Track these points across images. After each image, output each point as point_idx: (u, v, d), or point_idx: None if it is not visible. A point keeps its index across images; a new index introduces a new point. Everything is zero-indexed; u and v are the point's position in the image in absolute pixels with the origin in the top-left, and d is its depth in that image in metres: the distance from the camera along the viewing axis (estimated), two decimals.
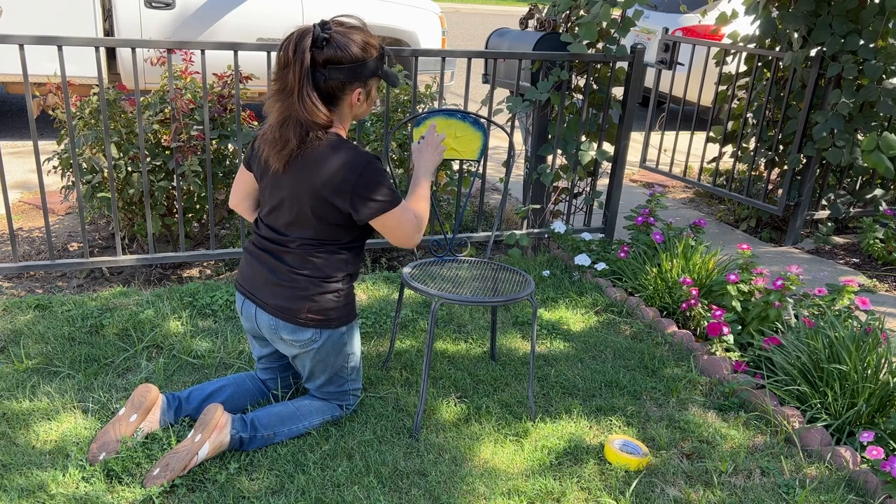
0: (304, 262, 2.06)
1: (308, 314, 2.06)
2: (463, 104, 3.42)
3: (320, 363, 2.16)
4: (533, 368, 2.38)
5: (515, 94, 3.63)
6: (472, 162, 3.28)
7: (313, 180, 1.97)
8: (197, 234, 3.60)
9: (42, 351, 2.57)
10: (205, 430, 2.01)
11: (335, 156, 1.97)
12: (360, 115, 2.11)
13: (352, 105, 2.04)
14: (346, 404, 2.29)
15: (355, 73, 1.97)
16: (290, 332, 2.08)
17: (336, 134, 2.02)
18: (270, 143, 1.98)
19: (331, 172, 1.96)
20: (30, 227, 3.84)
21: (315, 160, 1.97)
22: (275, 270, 2.07)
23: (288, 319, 2.06)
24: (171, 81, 3.00)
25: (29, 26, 5.00)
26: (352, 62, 1.95)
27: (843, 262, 4.11)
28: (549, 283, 3.47)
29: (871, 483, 2.13)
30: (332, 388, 2.24)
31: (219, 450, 2.05)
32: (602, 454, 2.23)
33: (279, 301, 2.06)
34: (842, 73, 3.88)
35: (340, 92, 1.99)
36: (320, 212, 2.00)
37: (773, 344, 2.70)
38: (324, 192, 1.97)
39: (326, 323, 2.09)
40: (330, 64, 1.93)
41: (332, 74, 1.94)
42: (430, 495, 2.01)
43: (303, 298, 2.05)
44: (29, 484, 1.93)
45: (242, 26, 5.43)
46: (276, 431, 2.15)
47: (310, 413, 2.22)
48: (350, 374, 2.25)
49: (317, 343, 2.11)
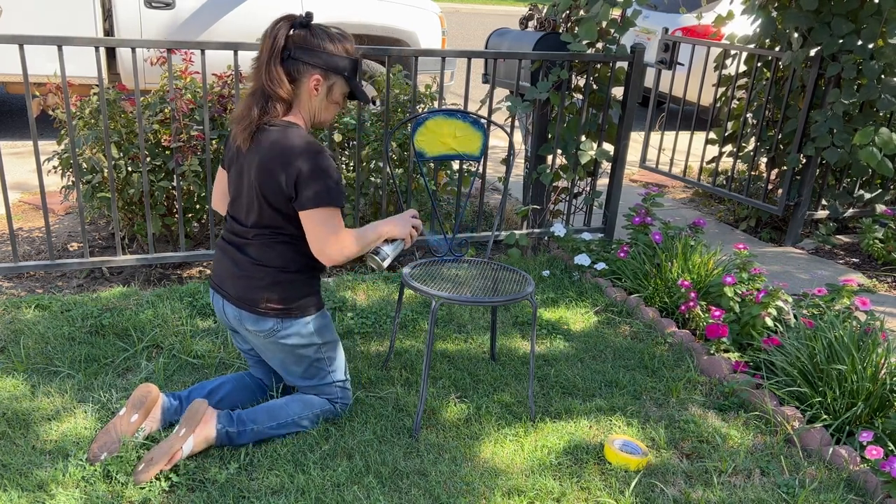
0: (262, 253, 2.09)
1: (268, 304, 2.09)
2: (463, 104, 3.42)
3: (289, 355, 2.16)
4: (533, 368, 2.38)
5: (515, 94, 3.63)
6: (472, 161, 3.29)
7: (264, 154, 2.00)
8: (197, 234, 3.60)
9: (42, 351, 2.57)
10: (189, 424, 2.03)
11: (290, 136, 2.00)
12: (321, 115, 2.12)
13: (310, 93, 2.06)
14: (336, 398, 2.27)
15: (318, 57, 2.02)
16: (252, 323, 2.11)
17: (295, 123, 2.06)
18: (237, 120, 2.06)
19: (282, 147, 1.98)
20: (30, 227, 3.84)
21: (269, 139, 2.01)
22: (237, 263, 2.11)
23: (249, 309, 2.09)
24: (171, 81, 3.00)
25: (29, 26, 5.00)
26: (319, 48, 2.02)
27: (843, 262, 4.11)
28: (549, 283, 3.47)
29: (871, 483, 2.13)
30: (313, 381, 2.24)
31: (205, 444, 2.06)
32: (602, 454, 2.23)
33: (240, 292, 2.10)
34: (841, 73, 3.88)
35: (299, 74, 2.03)
36: (266, 189, 2.01)
37: (773, 344, 2.71)
38: (271, 164, 1.99)
39: (287, 312, 2.10)
40: (297, 45, 2.01)
41: (297, 54, 2.01)
42: (430, 495, 2.01)
43: (261, 288, 2.08)
44: (29, 484, 1.93)
45: (242, 26, 5.42)
46: (265, 425, 2.15)
47: (299, 407, 2.21)
48: (328, 365, 2.23)
49: (279, 333, 2.12)
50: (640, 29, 7.64)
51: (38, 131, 5.85)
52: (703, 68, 4.73)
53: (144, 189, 3.03)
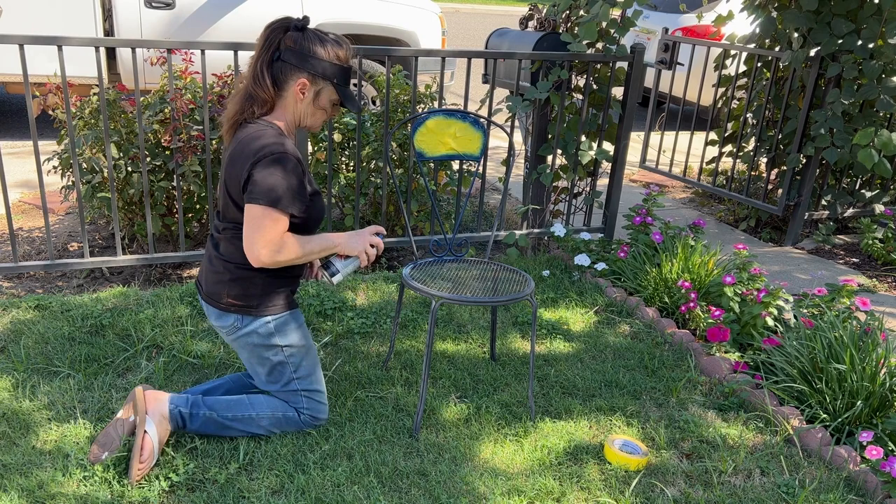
0: (227, 248, 2.09)
1: (228, 299, 2.09)
2: (463, 104, 3.42)
3: (253, 355, 2.15)
4: (533, 368, 2.38)
5: (515, 94, 3.63)
6: (472, 162, 3.29)
7: (234, 147, 2.02)
8: (197, 234, 3.60)
9: (42, 351, 2.57)
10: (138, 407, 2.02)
11: (260, 134, 1.99)
12: (307, 119, 2.11)
13: (296, 98, 2.05)
14: (301, 408, 2.19)
15: (306, 61, 2.01)
16: (216, 318, 2.12)
17: (273, 123, 2.06)
18: (225, 118, 2.09)
19: (249, 143, 1.98)
20: (30, 227, 3.84)
21: (242, 135, 2.02)
22: (210, 258, 2.13)
23: (213, 304, 2.10)
24: (171, 81, 3.00)
25: (29, 26, 5.00)
26: (308, 52, 2.01)
27: (842, 262, 4.11)
28: (549, 283, 3.47)
29: (871, 483, 2.13)
30: (276, 385, 2.18)
31: (164, 422, 2.06)
32: (602, 454, 2.23)
33: (209, 286, 2.12)
34: (841, 72, 3.88)
35: (286, 77, 2.03)
36: (229, 182, 2.01)
37: (773, 345, 2.71)
38: (235, 157, 1.99)
39: (247, 309, 2.09)
40: (288, 48, 2.01)
41: (286, 56, 2.01)
42: (430, 495, 2.01)
43: (223, 283, 2.09)
44: (29, 484, 1.93)
45: (242, 26, 5.43)
46: (220, 414, 2.12)
47: (259, 404, 2.17)
48: (292, 370, 2.17)
49: (240, 331, 2.10)
50: (640, 29, 7.65)
51: (38, 131, 5.85)
52: (703, 68, 4.73)
53: (144, 189, 3.03)
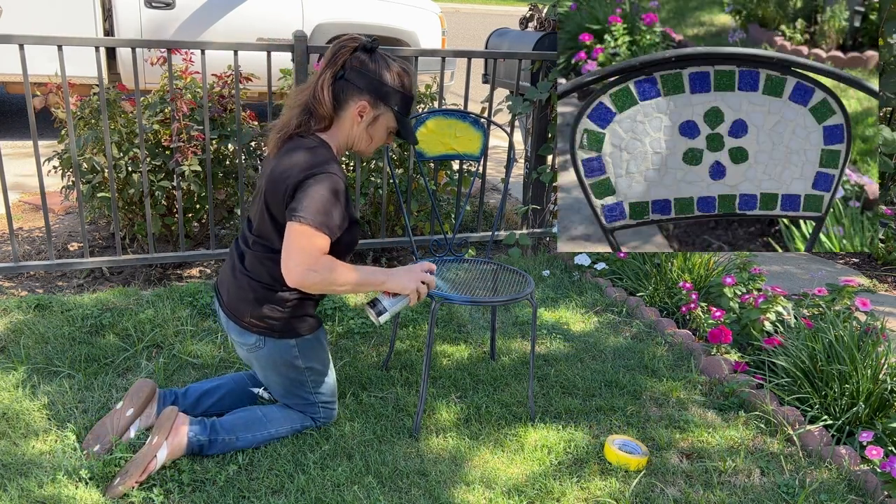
0: (254, 265, 2.03)
1: (251, 318, 2.03)
2: (463, 104, 3.42)
3: (271, 372, 2.11)
4: (533, 368, 2.38)
5: (515, 94, 3.63)
6: (472, 161, 3.29)
7: (281, 159, 1.97)
8: (197, 234, 3.60)
9: (42, 351, 2.57)
10: (161, 432, 1.97)
11: (311, 151, 1.95)
12: (359, 144, 2.07)
13: (353, 120, 2.01)
14: (318, 417, 2.21)
15: (370, 84, 1.97)
16: (237, 334, 2.07)
17: (326, 142, 2.02)
18: (277, 127, 2.03)
19: (299, 158, 1.93)
20: (30, 227, 3.84)
21: (292, 148, 1.97)
22: (234, 269, 2.08)
23: (235, 321, 2.06)
24: (171, 81, 3.00)
25: (29, 26, 5.00)
26: (374, 75, 1.97)
27: (842, 262, 4.11)
28: (549, 283, 3.47)
29: (871, 483, 2.13)
30: (294, 399, 2.17)
31: (178, 452, 2.01)
32: (602, 454, 2.23)
33: (231, 300, 2.06)
34: None
35: (347, 97, 1.99)
36: (269, 193, 1.95)
37: (773, 344, 2.70)
38: (282, 169, 1.93)
39: (269, 332, 2.04)
40: (353, 68, 1.97)
41: (350, 75, 1.97)
42: (430, 495, 2.01)
43: (248, 301, 2.03)
44: (29, 484, 1.93)
45: (242, 26, 5.43)
46: (239, 436, 2.09)
47: (277, 420, 2.15)
48: (313, 387, 2.16)
49: (261, 350, 2.06)
50: None
51: (38, 131, 5.85)
52: None
53: (144, 189, 3.03)
